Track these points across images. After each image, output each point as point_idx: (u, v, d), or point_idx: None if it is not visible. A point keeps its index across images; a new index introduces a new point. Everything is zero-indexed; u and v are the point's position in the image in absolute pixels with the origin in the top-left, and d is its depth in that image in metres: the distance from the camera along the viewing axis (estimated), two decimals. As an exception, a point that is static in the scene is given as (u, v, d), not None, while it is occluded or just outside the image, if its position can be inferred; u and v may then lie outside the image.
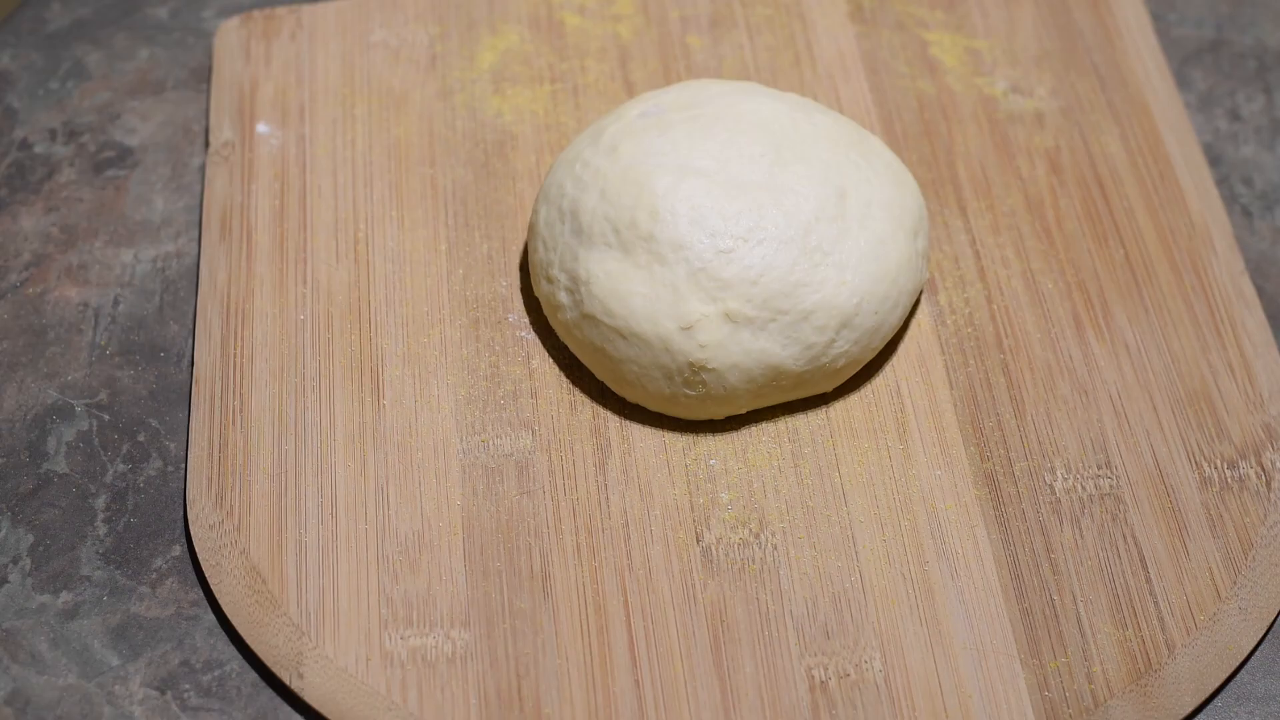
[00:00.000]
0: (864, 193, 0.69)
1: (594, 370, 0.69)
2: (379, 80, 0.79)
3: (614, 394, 0.69)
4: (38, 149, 0.78)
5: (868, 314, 0.67)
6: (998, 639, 0.63)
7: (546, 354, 0.70)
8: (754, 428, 0.68)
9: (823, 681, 0.62)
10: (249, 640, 0.63)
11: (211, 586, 0.64)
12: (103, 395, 0.71)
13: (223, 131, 0.77)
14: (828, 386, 0.69)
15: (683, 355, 0.66)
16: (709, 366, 0.66)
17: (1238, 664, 0.63)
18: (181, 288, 0.74)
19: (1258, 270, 0.74)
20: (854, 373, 0.69)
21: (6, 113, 0.80)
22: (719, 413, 0.68)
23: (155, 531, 0.67)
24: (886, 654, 0.62)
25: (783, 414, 0.69)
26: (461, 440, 0.68)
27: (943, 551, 0.65)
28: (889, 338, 0.69)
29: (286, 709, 0.63)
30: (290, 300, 0.72)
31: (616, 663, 0.62)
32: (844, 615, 0.63)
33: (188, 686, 0.63)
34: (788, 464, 0.67)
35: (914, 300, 0.70)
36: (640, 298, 0.66)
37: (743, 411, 0.68)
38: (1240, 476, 0.67)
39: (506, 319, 0.71)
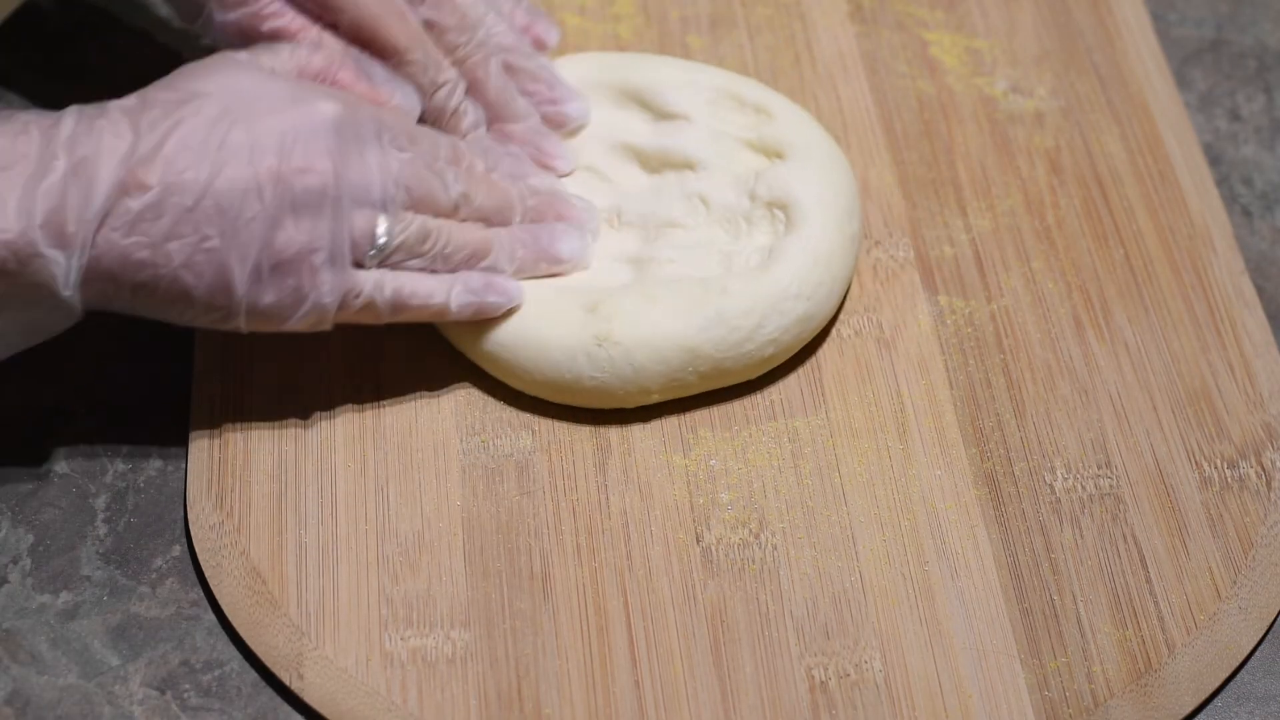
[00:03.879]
0: (789, 189, 0.70)
1: (479, 360, 0.69)
2: (379, 80, 0.79)
3: (614, 394, 0.69)
4: (38, 149, 0.78)
5: (799, 300, 0.67)
6: (998, 639, 0.63)
7: (546, 354, 0.70)
8: (754, 428, 0.68)
9: (823, 681, 0.62)
10: (249, 640, 0.63)
11: (211, 586, 0.64)
12: (103, 395, 0.70)
13: (223, 131, 0.77)
14: (750, 375, 0.69)
15: (588, 327, 0.66)
16: (615, 340, 0.66)
17: (1238, 664, 0.63)
18: (181, 288, 0.73)
19: (1258, 270, 0.74)
20: (780, 363, 0.69)
21: (6, 113, 0.80)
22: (629, 400, 0.68)
23: (155, 531, 0.67)
24: (886, 654, 0.62)
25: (706, 402, 0.69)
26: (461, 440, 0.68)
27: (943, 551, 0.65)
28: (821, 327, 0.69)
29: (286, 709, 0.63)
30: (290, 300, 0.72)
31: (616, 663, 0.62)
32: (844, 615, 0.63)
33: (188, 686, 0.63)
34: (788, 464, 0.67)
35: (847, 286, 0.70)
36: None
37: (654, 401, 0.68)
38: (1240, 476, 0.67)
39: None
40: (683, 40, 0.80)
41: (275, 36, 0.67)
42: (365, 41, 0.68)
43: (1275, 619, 0.65)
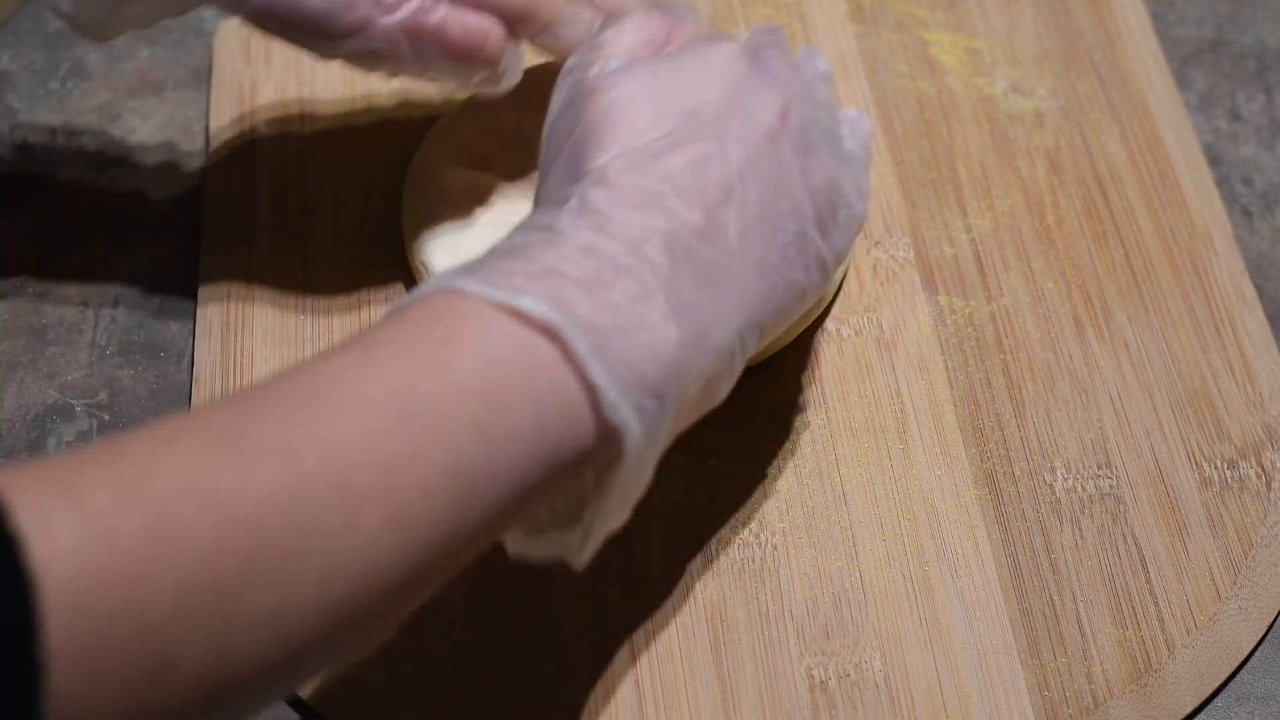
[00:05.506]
0: None
1: None
2: (380, 80, 0.79)
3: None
4: (38, 149, 0.78)
5: None
6: (998, 639, 0.63)
7: (546, 354, 0.70)
8: (754, 428, 0.68)
9: (823, 681, 0.62)
10: (249, 640, 0.63)
11: (211, 586, 0.64)
12: (103, 395, 0.70)
13: (223, 132, 0.77)
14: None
15: None
16: None
17: (1238, 664, 0.63)
18: (181, 288, 0.73)
19: (1258, 270, 0.74)
20: (776, 351, 0.69)
21: (6, 113, 0.80)
22: None
23: (155, 531, 0.67)
24: (886, 654, 0.62)
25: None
26: (461, 440, 0.68)
27: (943, 551, 0.65)
28: (817, 314, 0.69)
29: (286, 709, 0.62)
30: (290, 300, 0.72)
31: (616, 663, 0.62)
32: (844, 615, 0.63)
33: (188, 686, 0.63)
34: (788, 464, 0.67)
35: (843, 274, 0.71)
36: None
37: None
38: (1240, 476, 0.67)
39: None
40: (683, 40, 0.80)
41: (442, 29, 0.63)
42: (522, 17, 0.65)
43: (1275, 619, 0.65)
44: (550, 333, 0.49)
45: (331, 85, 0.78)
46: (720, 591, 0.64)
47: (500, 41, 0.65)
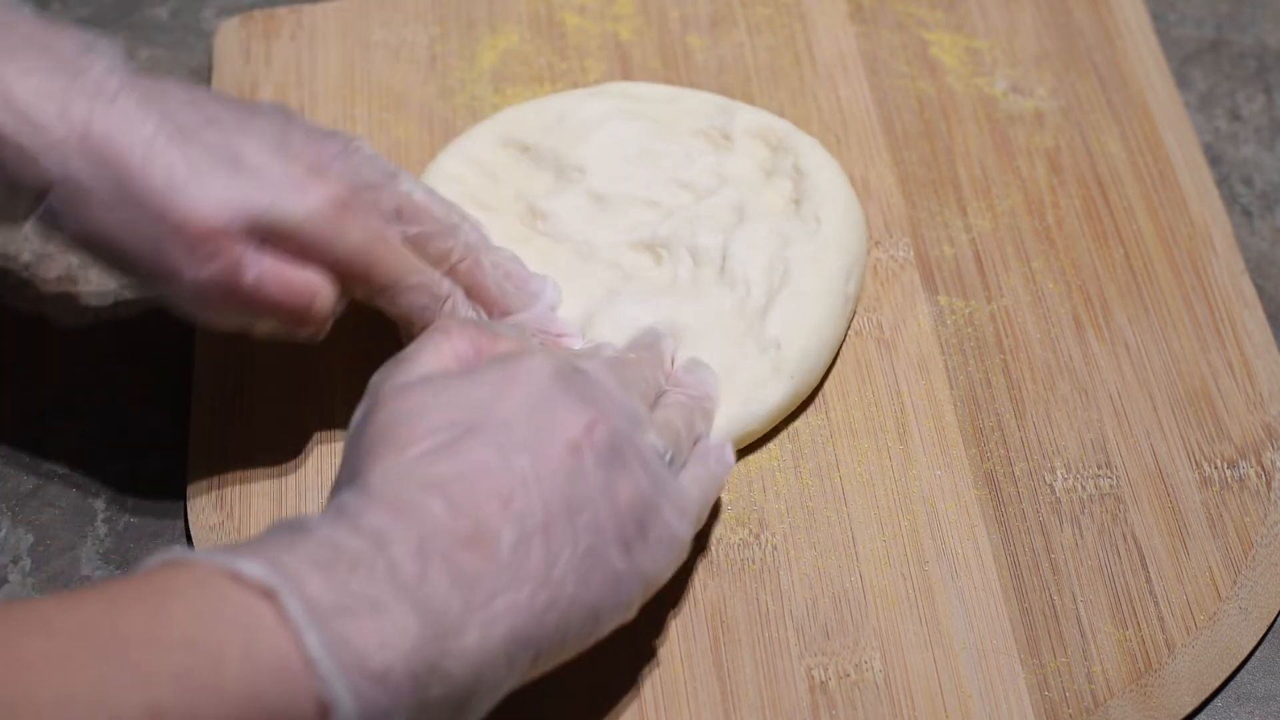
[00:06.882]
0: (794, 248, 0.70)
1: None
2: (379, 80, 0.79)
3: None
4: (38, 149, 0.78)
5: (783, 376, 0.67)
6: (998, 639, 0.63)
7: (546, 354, 0.70)
8: (754, 428, 0.68)
9: (823, 681, 0.62)
10: (249, 640, 0.63)
11: (211, 586, 0.64)
12: (103, 395, 0.70)
13: (223, 131, 0.77)
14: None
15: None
16: None
17: (1238, 664, 0.63)
18: (181, 288, 0.73)
19: (1258, 270, 0.74)
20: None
21: (6, 113, 0.79)
22: None
23: (155, 531, 0.67)
24: (886, 654, 0.62)
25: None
26: (461, 440, 0.68)
27: (943, 551, 0.65)
28: (806, 395, 0.69)
29: (286, 709, 0.62)
30: (290, 300, 0.72)
31: (617, 663, 0.62)
32: (844, 615, 0.63)
33: (188, 686, 0.63)
34: (788, 464, 0.67)
35: (838, 347, 0.70)
36: None
37: None
38: (1240, 476, 0.67)
39: (506, 319, 0.71)
40: (683, 40, 0.80)
41: (258, 287, 0.60)
42: (358, 277, 0.62)
43: (1275, 619, 0.65)
44: (268, 595, 0.47)
45: (331, 85, 0.78)
46: (720, 592, 0.64)
47: (328, 302, 0.62)
